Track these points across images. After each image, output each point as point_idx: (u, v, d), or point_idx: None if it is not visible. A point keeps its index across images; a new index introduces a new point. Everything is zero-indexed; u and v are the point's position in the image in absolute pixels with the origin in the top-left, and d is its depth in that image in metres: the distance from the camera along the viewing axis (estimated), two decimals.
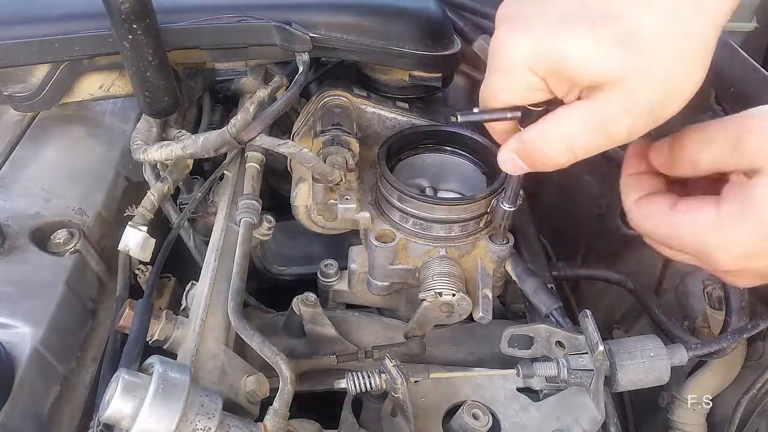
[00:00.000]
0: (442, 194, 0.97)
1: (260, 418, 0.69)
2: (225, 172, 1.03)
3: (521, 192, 0.80)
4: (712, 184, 0.52)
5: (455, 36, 1.04)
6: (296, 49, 0.94)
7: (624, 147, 0.57)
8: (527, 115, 0.55)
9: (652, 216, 0.55)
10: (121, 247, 0.86)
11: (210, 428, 0.61)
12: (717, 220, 0.49)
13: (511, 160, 0.57)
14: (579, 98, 0.51)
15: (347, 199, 0.90)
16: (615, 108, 0.49)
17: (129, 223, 0.86)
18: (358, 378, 0.73)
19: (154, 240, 0.87)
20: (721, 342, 0.83)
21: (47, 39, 0.88)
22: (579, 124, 0.51)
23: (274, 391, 0.71)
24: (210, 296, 0.80)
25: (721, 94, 1.05)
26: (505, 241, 0.87)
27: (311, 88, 1.12)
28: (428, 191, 0.97)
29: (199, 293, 0.82)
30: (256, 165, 1.00)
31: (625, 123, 0.49)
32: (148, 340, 0.75)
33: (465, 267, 0.87)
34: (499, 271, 0.89)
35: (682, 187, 0.57)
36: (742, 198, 0.48)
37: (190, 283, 0.86)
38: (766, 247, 0.48)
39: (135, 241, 0.85)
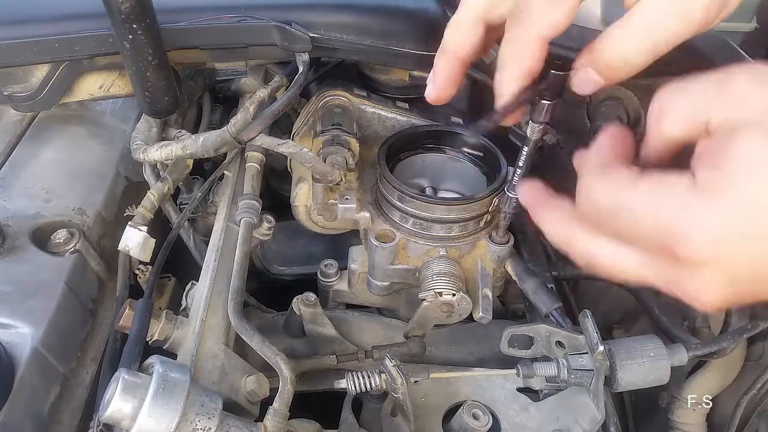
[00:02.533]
0: (442, 194, 0.97)
1: (260, 418, 0.69)
2: (225, 172, 1.03)
3: None
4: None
5: None
6: (296, 49, 0.94)
7: None
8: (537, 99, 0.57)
9: (610, 188, 0.44)
10: (121, 247, 0.86)
11: (210, 428, 0.61)
12: (688, 191, 0.39)
13: (585, 78, 0.51)
14: None
15: (347, 199, 0.90)
16: None
17: (129, 223, 0.86)
18: (358, 378, 0.73)
19: (154, 240, 0.87)
20: (721, 342, 0.83)
21: (47, 39, 0.88)
22: (659, 10, 0.47)
23: (274, 391, 0.71)
24: (210, 296, 0.80)
25: None
26: (505, 241, 0.87)
27: (311, 88, 1.12)
28: (428, 191, 0.97)
29: (199, 293, 0.82)
30: (256, 165, 1.00)
31: (704, 3, 0.46)
32: (148, 340, 0.75)
33: (465, 267, 0.87)
34: (499, 271, 0.89)
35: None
36: (720, 162, 0.39)
37: (190, 283, 0.86)
38: (751, 224, 0.37)
39: (135, 241, 0.85)
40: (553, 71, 0.57)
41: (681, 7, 0.47)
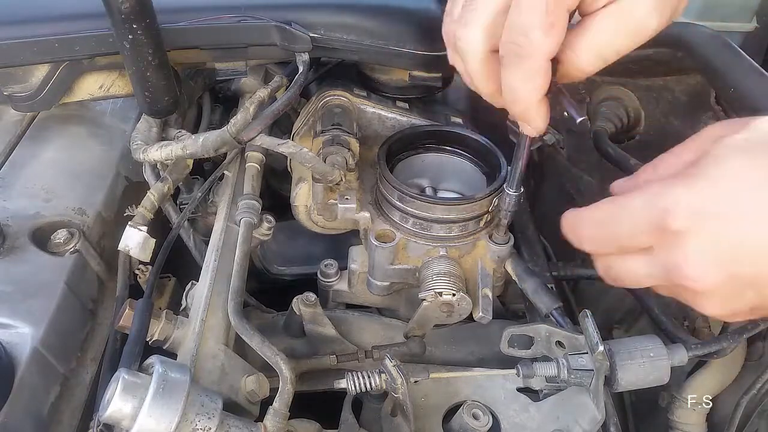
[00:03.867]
0: (442, 194, 0.97)
1: (260, 418, 0.69)
2: (225, 172, 1.03)
3: (522, 190, 0.79)
4: None
5: None
6: (296, 49, 0.94)
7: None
8: None
9: (604, 205, 0.54)
10: (121, 247, 0.86)
11: (210, 428, 0.61)
12: (673, 178, 0.49)
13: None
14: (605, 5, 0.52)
15: (347, 199, 0.90)
16: (645, 5, 0.51)
17: (129, 223, 0.86)
18: (358, 378, 0.73)
19: (154, 240, 0.87)
20: (721, 342, 0.83)
21: (47, 39, 0.88)
22: (610, 29, 0.52)
23: (274, 391, 0.71)
24: (210, 296, 0.80)
25: (721, 95, 1.05)
26: (505, 241, 0.87)
27: (311, 88, 1.12)
28: (428, 191, 0.97)
29: (199, 293, 0.82)
30: (256, 165, 1.00)
31: (654, 20, 0.51)
32: (148, 340, 0.75)
33: (465, 267, 0.87)
34: (499, 271, 0.89)
35: None
36: (700, 160, 0.48)
37: (190, 283, 0.86)
38: (724, 204, 0.46)
39: (135, 241, 0.85)
40: None
41: (629, 26, 0.52)
